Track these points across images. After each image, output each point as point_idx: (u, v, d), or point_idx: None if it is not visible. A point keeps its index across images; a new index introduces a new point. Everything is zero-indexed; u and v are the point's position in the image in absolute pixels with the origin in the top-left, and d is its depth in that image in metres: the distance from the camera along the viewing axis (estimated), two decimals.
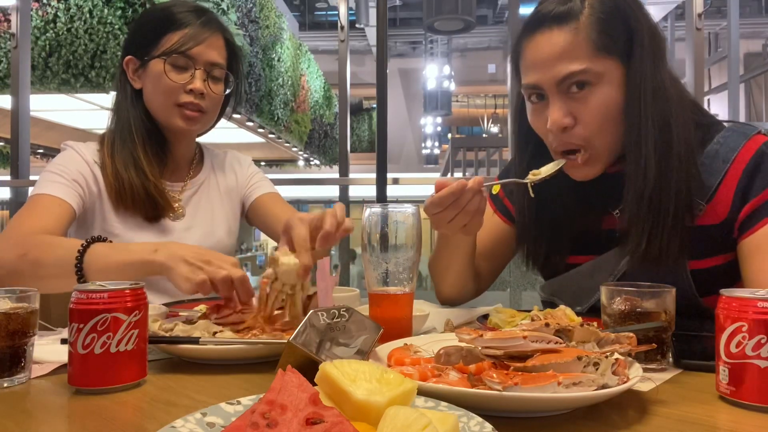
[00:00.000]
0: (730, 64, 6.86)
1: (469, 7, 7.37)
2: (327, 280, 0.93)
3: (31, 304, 0.82)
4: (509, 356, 0.71)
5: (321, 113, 10.86)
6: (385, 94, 3.41)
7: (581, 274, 1.20)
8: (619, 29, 1.05)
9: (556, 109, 1.06)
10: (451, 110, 15.07)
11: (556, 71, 1.04)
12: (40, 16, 5.20)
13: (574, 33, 1.04)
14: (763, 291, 0.72)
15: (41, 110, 7.95)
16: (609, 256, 1.16)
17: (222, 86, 1.47)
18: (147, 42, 1.41)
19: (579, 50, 1.03)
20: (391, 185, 3.42)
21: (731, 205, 1.06)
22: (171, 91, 1.40)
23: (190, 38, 1.40)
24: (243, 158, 1.72)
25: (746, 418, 0.68)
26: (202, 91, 1.41)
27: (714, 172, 1.06)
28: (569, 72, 1.03)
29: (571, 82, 1.04)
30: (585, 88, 1.05)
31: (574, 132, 1.07)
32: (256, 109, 7.16)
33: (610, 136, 1.07)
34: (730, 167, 1.06)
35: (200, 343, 0.87)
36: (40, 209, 1.29)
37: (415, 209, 0.96)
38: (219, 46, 1.45)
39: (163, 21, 1.42)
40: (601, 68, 1.04)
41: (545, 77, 1.06)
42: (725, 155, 1.07)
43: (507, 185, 1.29)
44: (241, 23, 6.17)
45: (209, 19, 1.45)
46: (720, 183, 1.06)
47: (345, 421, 0.48)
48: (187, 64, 1.40)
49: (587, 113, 1.05)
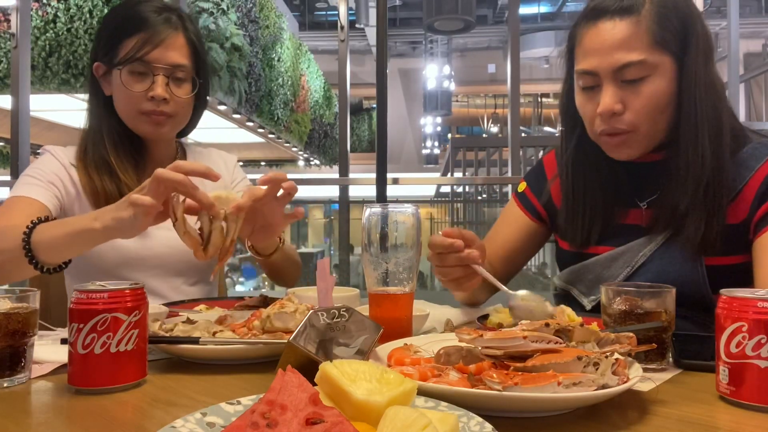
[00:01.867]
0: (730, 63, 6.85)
1: (469, 7, 7.38)
2: (327, 280, 0.93)
3: (31, 304, 0.82)
4: (509, 356, 0.71)
5: (321, 113, 10.86)
6: (385, 94, 3.41)
7: (599, 263, 1.23)
8: (676, 27, 1.11)
9: (609, 95, 1.11)
10: (451, 110, 15.08)
11: (615, 59, 1.10)
12: (40, 16, 5.20)
13: (636, 25, 1.10)
14: (763, 291, 0.72)
15: (41, 110, 7.95)
16: (629, 248, 1.19)
17: (187, 87, 1.39)
18: (108, 48, 1.36)
19: (639, 41, 1.09)
20: (391, 185, 3.42)
21: (750, 208, 1.11)
22: (132, 101, 1.34)
23: (145, 42, 1.33)
24: (228, 158, 1.65)
25: (746, 418, 0.68)
26: (164, 97, 1.34)
27: (738, 178, 1.12)
28: (628, 61, 1.09)
29: (627, 71, 1.10)
30: (639, 80, 1.10)
31: (623, 118, 1.12)
32: (256, 109, 7.17)
33: (656, 125, 1.13)
34: (755, 174, 1.11)
35: (200, 343, 0.87)
36: (13, 209, 1.27)
37: (415, 209, 0.96)
38: (179, 46, 1.37)
39: (120, 25, 1.37)
40: (657, 61, 1.10)
41: (603, 64, 1.11)
42: (752, 164, 1.12)
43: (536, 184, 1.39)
44: (241, 23, 6.17)
45: (167, 18, 1.37)
46: (743, 186, 1.12)
47: (345, 421, 0.48)
48: (146, 70, 1.33)
49: (637, 101, 1.11)
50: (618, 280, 1.18)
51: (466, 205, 10.84)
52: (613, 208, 1.24)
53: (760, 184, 1.11)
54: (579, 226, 1.27)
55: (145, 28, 1.33)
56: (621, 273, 1.19)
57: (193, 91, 1.40)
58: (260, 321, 0.94)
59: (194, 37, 1.41)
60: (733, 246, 1.12)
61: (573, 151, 1.27)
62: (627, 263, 1.19)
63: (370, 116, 16.71)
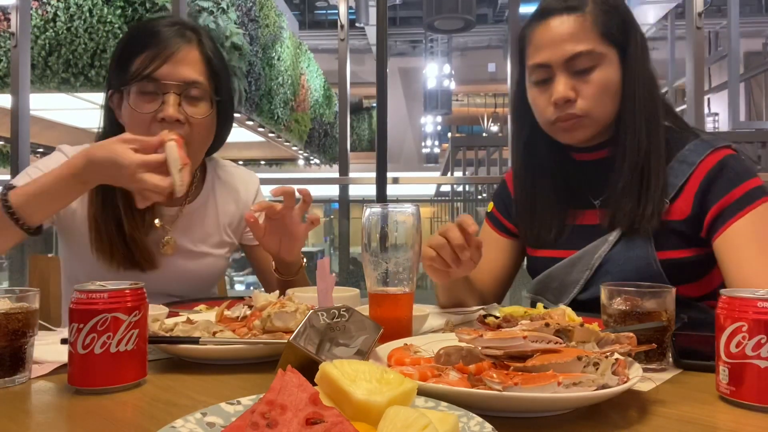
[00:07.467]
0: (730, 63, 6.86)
1: (469, 6, 7.37)
2: (327, 280, 0.93)
3: (31, 304, 0.81)
4: (509, 356, 0.71)
5: (321, 112, 10.85)
6: (385, 93, 3.41)
7: (561, 270, 1.28)
8: (618, 23, 1.21)
9: (563, 84, 1.19)
10: (451, 109, 15.06)
11: (566, 50, 1.18)
12: (40, 15, 5.20)
13: (582, 19, 1.19)
14: (762, 291, 0.72)
15: (41, 109, 7.95)
16: (586, 251, 1.24)
17: (204, 107, 1.26)
18: (119, 70, 1.26)
19: (586, 34, 1.19)
20: (391, 184, 3.42)
21: (692, 205, 1.17)
22: (140, 124, 1.22)
23: (154, 57, 1.21)
24: (250, 180, 1.55)
25: (746, 418, 0.68)
26: (177, 118, 1.21)
27: (679, 174, 1.19)
28: (578, 51, 1.18)
29: (577, 61, 1.18)
30: (588, 69, 1.19)
31: (576, 105, 1.20)
32: (256, 108, 7.16)
33: (606, 110, 1.21)
34: (695, 171, 1.18)
35: (200, 343, 0.87)
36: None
37: (415, 209, 0.96)
38: (193, 61, 1.25)
39: (130, 43, 1.26)
40: (604, 51, 1.19)
41: (555, 55, 1.19)
42: (692, 160, 1.19)
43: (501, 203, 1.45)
44: (240, 22, 6.17)
45: (179, 31, 1.26)
46: (684, 184, 1.18)
47: (345, 421, 0.48)
48: (155, 88, 1.21)
49: (588, 89, 1.19)
50: (580, 284, 1.23)
51: (466, 204, 10.83)
52: (567, 209, 1.30)
53: (701, 180, 1.16)
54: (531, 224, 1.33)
55: (155, 43, 1.23)
56: (581, 277, 1.23)
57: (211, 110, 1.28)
58: (260, 320, 0.94)
59: (211, 53, 1.30)
60: (683, 240, 1.18)
61: (524, 152, 1.35)
62: (585, 266, 1.23)
63: (370, 115, 16.70)
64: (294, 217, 1.28)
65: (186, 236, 1.41)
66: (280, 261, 1.36)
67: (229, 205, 1.49)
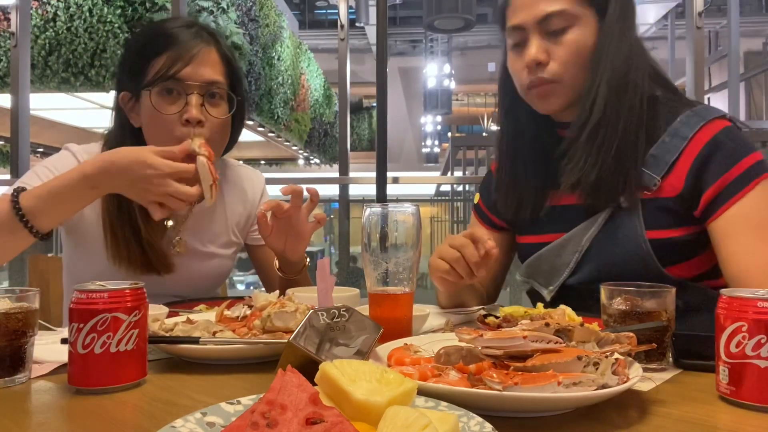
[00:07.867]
0: (731, 62, 6.86)
1: (469, 6, 7.37)
2: (327, 280, 0.93)
3: (31, 304, 0.81)
4: (509, 356, 0.71)
5: (321, 112, 10.86)
6: (385, 93, 3.41)
7: (551, 252, 1.25)
8: None
9: (535, 46, 1.16)
10: (451, 109, 15.06)
11: (537, 10, 1.15)
12: (40, 15, 5.20)
13: None
14: (763, 291, 0.72)
15: (41, 109, 7.96)
16: (574, 233, 1.21)
17: (224, 107, 1.29)
18: (135, 71, 1.27)
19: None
20: (391, 184, 3.42)
21: (685, 182, 1.12)
22: (165, 126, 1.23)
23: (177, 58, 1.22)
24: (257, 179, 1.56)
25: (746, 418, 0.68)
26: (200, 120, 1.23)
27: (671, 149, 1.14)
28: (550, 11, 1.14)
29: (550, 21, 1.15)
30: (562, 31, 1.15)
31: (548, 68, 1.17)
32: (256, 108, 7.17)
33: (579, 77, 1.17)
34: (688, 145, 1.13)
35: (200, 343, 0.87)
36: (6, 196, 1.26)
37: (415, 209, 0.96)
38: (213, 62, 1.28)
39: (146, 45, 1.27)
40: (579, 12, 1.15)
41: (528, 17, 1.16)
42: (684, 134, 1.14)
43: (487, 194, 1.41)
44: (240, 22, 6.17)
45: (197, 33, 1.28)
46: (676, 160, 1.13)
47: (345, 421, 0.48)
48: (179, 89, 1.23)
49: (561, 51, 1.16)
50: (570, 266, 1.21)
51: (466, 204, 10.82)
52: (548, 187, 1.27)
53: (695, 157, 1.11)
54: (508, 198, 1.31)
55: (175, 45, 1.24)
56: (571, 259, 1.21)
57: (230, 111, 1.30)
58: (260, 320, 0.94)
59: (228, 53, 1.33)
60: (674, 219, 1.14)
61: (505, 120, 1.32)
62: (575, 249, 1.21)
63: (370, 115, 16.70)
64: (301, 216, 1.29)
65: (195, 237, 1.41)
66: (285, 260, 1.37)
67: (237, 205, 1.50)
